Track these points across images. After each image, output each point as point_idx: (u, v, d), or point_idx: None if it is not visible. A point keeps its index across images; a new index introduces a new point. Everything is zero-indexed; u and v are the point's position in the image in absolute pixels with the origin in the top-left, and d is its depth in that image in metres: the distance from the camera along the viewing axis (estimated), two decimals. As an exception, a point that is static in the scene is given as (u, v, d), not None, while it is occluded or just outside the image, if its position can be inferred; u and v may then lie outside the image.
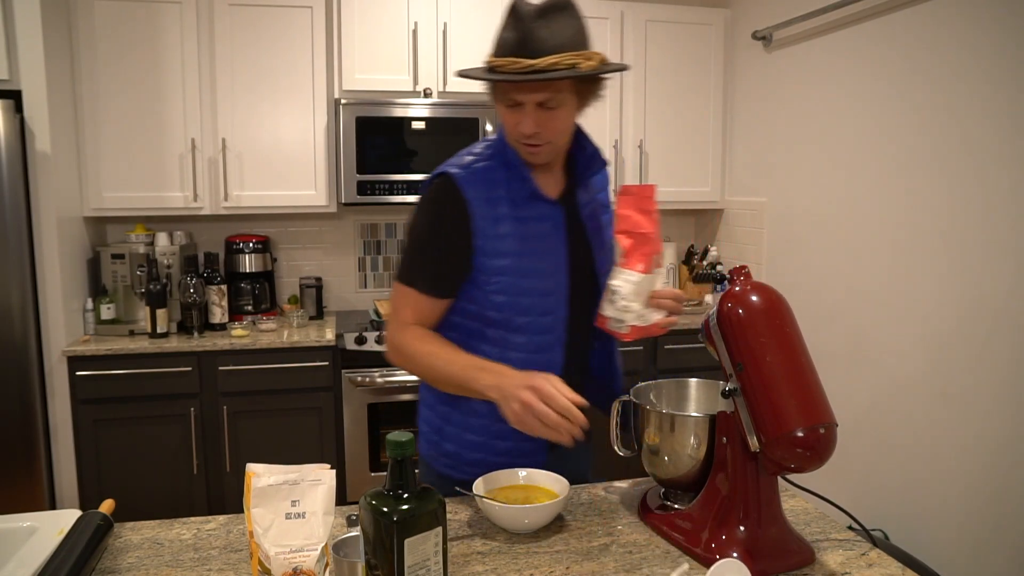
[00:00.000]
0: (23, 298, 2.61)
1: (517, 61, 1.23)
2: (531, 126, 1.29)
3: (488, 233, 1.34)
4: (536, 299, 1.38)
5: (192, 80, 2.97)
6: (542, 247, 1.38)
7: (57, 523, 1.20)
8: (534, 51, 1.23)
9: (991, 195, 2.20)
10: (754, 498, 1.12)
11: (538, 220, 1.39)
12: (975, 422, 2.26)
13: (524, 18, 1.24)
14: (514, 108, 1.30)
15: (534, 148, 1.33)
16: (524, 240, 1.36)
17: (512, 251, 1.35)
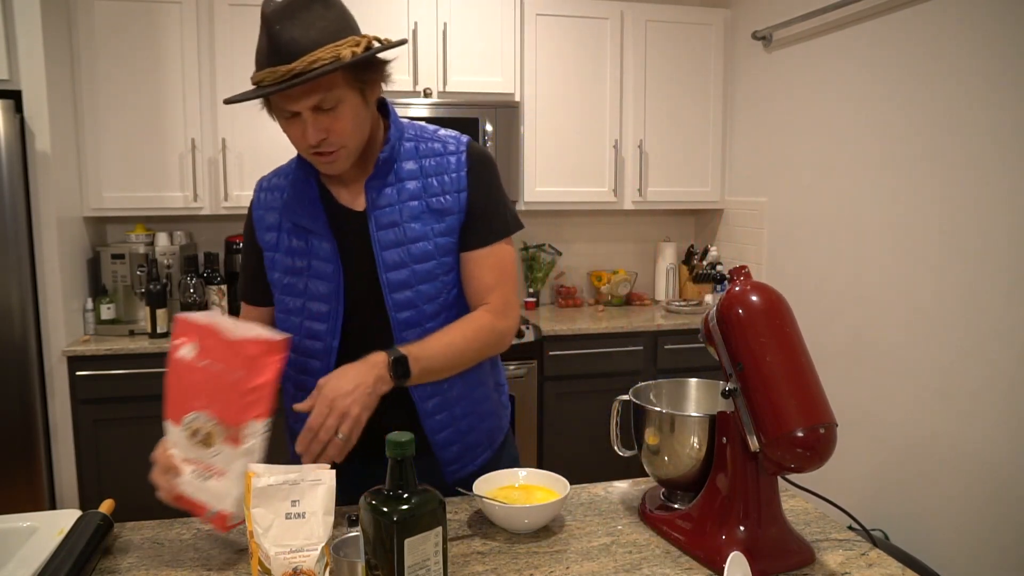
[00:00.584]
0: (23, 298, 2.61)
1: (275, 70, 1.13)
2: (314, 134, 1.19)
3: (267, 244, 1.36)
4: (303, 319, 1.34)
5: (192, 80, 2.97)
6: (319, 268, 1.31)
7: (57, 523, 1.20)
8: (288, 55, 1.13)
9: (991, 194, 2.20)
10: (754, 498, 1.12)
11: (319, 238, 1.31)
12: (975, 422, 2.26)
13: (270, 21, 1.13)
14: (292, 120, 1.20)
15: (327, 157, 1.23)
16: (298, 257, 1.33)
17: (282, 265, 1.35)
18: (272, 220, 1.36)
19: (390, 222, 1.30)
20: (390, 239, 1.30)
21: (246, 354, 1.08)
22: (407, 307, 1.32)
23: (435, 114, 3.09)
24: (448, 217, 1.32)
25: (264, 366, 1.10)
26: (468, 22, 3.19)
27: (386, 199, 1.31)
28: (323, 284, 1.32)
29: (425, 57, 3.16)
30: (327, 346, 1.33)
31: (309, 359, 1.35)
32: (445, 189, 1.32)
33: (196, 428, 1.11)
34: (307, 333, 1.34)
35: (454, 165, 1.34)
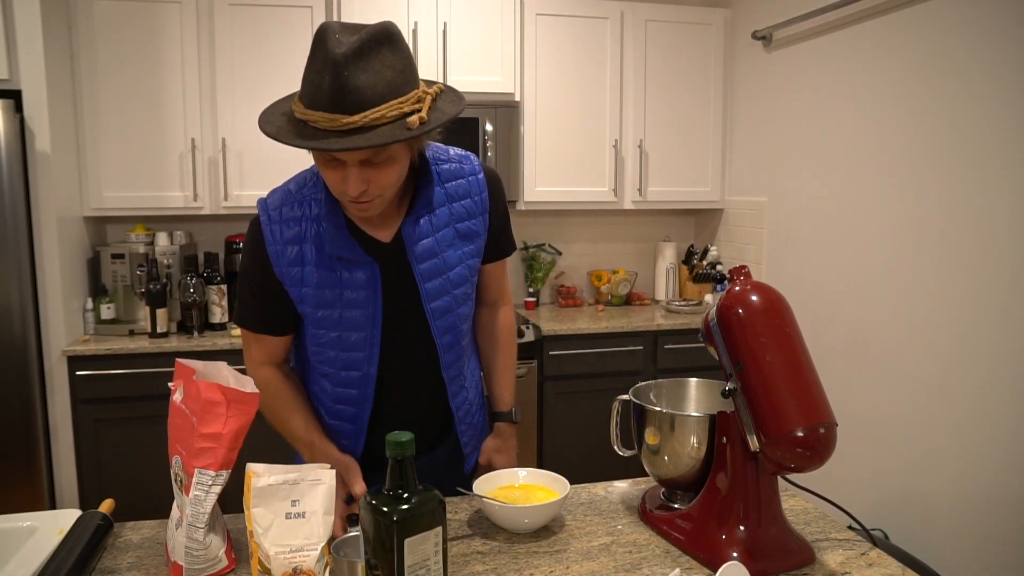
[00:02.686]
0: (23, 298, 2.61)
1: (333, 118, 1.04)
2: (356, 187, 1.12)
3: (289, 280, 1.26)
4: (338, 352, 1.30)
5: (192, 80, 2.97)
6: (352, 298, 1.27)
7: (57, 523, 1.20)
8: (352, 105, 1.04)
9: (991, 194, 2.20)
10: (754, 498, 1.12)
11: (349, 268, 1.26)
12: (975, 421, 2.26)
13: (338, 62, 1.03)
14: (334, 164, 1.12)
15: (363, 205, 1.17)
16: (326, 288, 1.26)
17: (310, 299, 1.27)
18: (293, 253, 1.25)
19: (429, 253, 1.30)
20: (430, 270, 1.30)
21: (204, 398, 1.05)
22: (448, 331, 1.35)
23: (435, 114, 3.08)
24: (476, 240, 1.35)
25: (219, 416, 1.05)
26: (468, 22, 3.19)
27: (422, 232, 1.29)
28: (359, 313, 1.28)
29: (425, 57, 3.16)
30: (364, 375, 1.32)
31: (346, 389, 1.34)
32: (471, 212, 1.34)
33: (175, 473, 1.11)
34: (343, 364, 1.32)
35: (476, 187, 1.34)
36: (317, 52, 1.06)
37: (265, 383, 1.33)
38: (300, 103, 1.09)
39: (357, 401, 1.34)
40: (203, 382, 1.07)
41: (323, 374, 1.35)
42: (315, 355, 1.34)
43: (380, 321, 1.29)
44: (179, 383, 1.12)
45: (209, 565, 1.08)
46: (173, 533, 1.09)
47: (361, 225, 1.28)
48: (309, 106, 1.07)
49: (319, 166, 1.16)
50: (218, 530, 1.11)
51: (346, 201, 1.18)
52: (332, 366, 1.32)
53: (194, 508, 1.06)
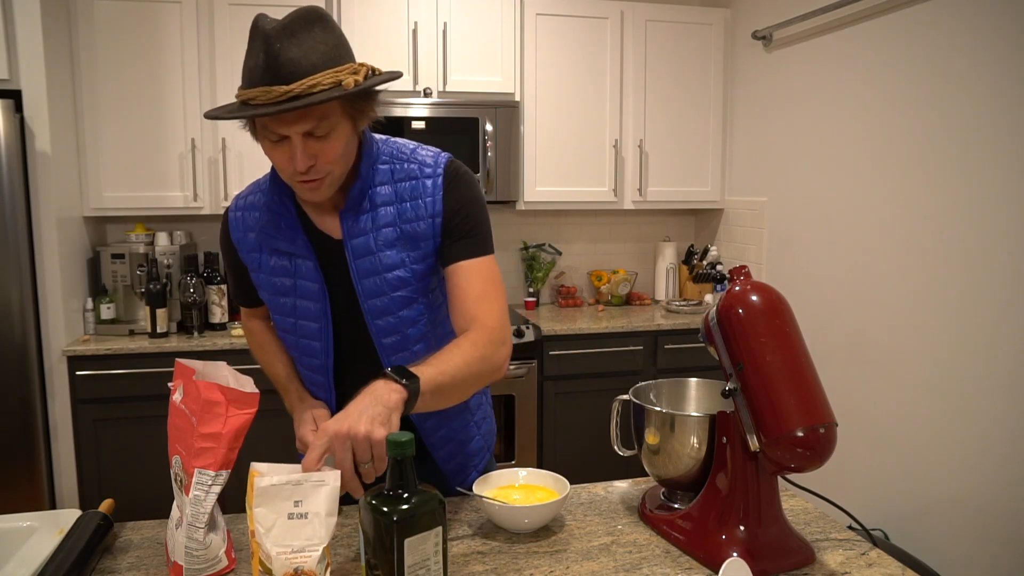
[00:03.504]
0: (23, 298, 2.61)
1: (269, 90, 1.07)
2: (303, 161, 1.13)
3: (252, 265, 1.36)
4: (297, 339, 1.36)
5: (192, 80, 2.97)
6: (303, 288, 1.30)
7: (57, 523, 1.20)
8: (287, 75, 1.06)
9: (991, 194, 2.20)
10: (754, 498, 1.12)
11: (302, 259, 1.29)
12: (975, 421, 2.26)
13: (269, 39, 1.06)
14: (280, 144, 1.14)
15: (312, 184, 1.18)
16: (283, 276, 1.32)
17: (270, 286, 1.35)
18: (252, 241, 1.34)
19: (366, 251, 1.26)
20: (366, 268, 1.27)
21: (203, 398, 1.05)
22: (391, 332, 1.30)
23: (435, 114, 3.09)
24: (423, 243, 1.27)
25: (218, 416, 1.06)
26: (468, 22, 3.19)
27: (360, 228, 1.26)
28: (312, 304, 1.31)
29: (425, 57, 3.16)
30: (323, 364, 1.35)
31: (313, 374, 1.39)
32: (419, 215, 1.26)
33: (175, 473, 1.11)
34: (304, 350, 1.36)
35: (430, 189, 1.27)
36: (252, 37, 1.10)
37: (252, 331, 1.52)
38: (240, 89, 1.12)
39: (323, 386, 1.38)
40: (203, 382, 1.07)
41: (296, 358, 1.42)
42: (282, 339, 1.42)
43: (330, 315, 1.32)
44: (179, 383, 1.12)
45: (209, 565, 1.08)
46: (173, 533, 1.09)
47: (310, 214, 1.31)
48: (247, 86, 1.10)
49: (267, 150, 1.18)
50: (218, 530, 1.11)
51: (296, 183, 1.19)
52: (296, 351, 1.39)
53: (194, 508, 1.06)
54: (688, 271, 3.73)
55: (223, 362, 1.13)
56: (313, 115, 1.10)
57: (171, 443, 1.12)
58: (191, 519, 1.06)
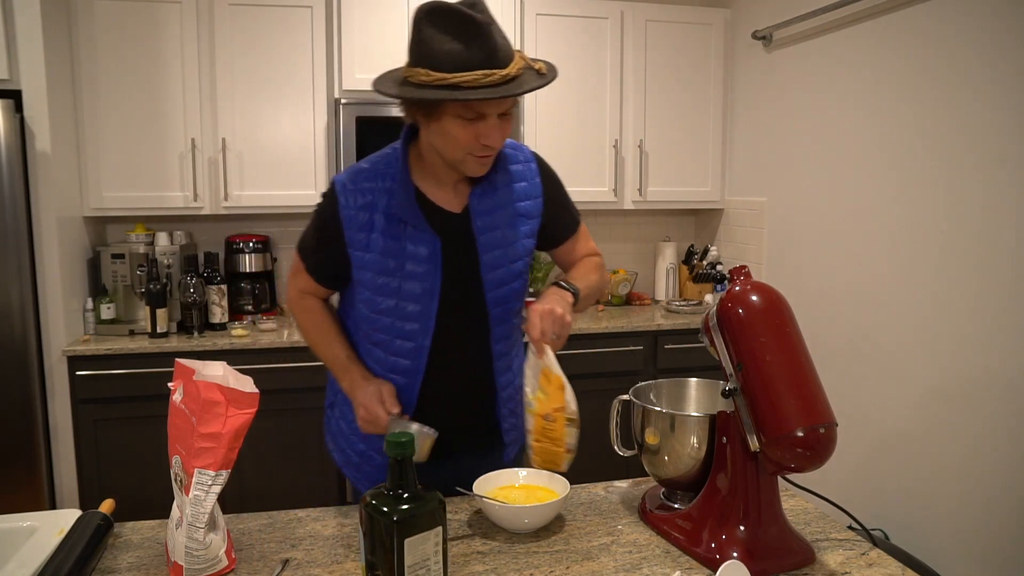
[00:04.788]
0: (23, 298, 2.61)
1: (490, 73, 1.16)
2: (499, 137, 1.26)
3: (356, 245, 1.34)
4: (394, 320, 1.36)
5: (192, 80, 2.97)
6: (413, 270, 1.34)
7: (57, 523, 1.20)
8: (503, 60, 1.18)
9: (991, 194, 2.20)
10: (754, 498, 1.12)
11: (415, 243, 1.33)
12: (975, 421, 2.26)
13: (482, 26, 1.16)
14: (473, 122, 1.23)
15: (487, 158, 1.29)
16: (391, 258, 1.33)
17: (373, 267, 1.34)
18: (364, 219, 1.33)
19: (491, 226, 1.38)
20: (491, 242, 1.38)
21: (203, 398, 1.06)
22: (501, 303, 1.41)
23: (435, 114, 3.08)
24: (531, 221, 1.43)
25: (218, 416, 1.06)
26: (468, 22, 3.19)
27: (486, 204, 1.38)
28: (417, 285, 1.34)
29: (425, 57, 3.16)
30: (419, 345, 1.37)
31: (400, 359, 1.39)
32: (529, 195, 1.43)
33: (175, 473, 1.11)
34: (399, 333, 1.37)
35: (531, 172, 1.45)
36: (448, 25, 1.16)
37: (309, 308, 1.48)
38: (434, 72, 1.17)
39: (409, 372, 1.39)
40: (203, 382, 1.07)
41: (376, 342, 1.40)
42: (371, 322, 1.39)
43: (438, 295, 1.35)
44: (179, 383, 1.12)
45: (209, 565, 1.08)
46: (173, 533, 1.10)
47: (427, 191, 1.36)
48: (456, 70, 1.16)
49: (450, 128, 1.23)
50: (218, 530, 1.11)
51: (471, 158, 1.27)
52: (387, 334, 1.38)
53: (194, 508, 1.06)
54: (688, 271, 3.73)
55: (223, 362, 1.13)
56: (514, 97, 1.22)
57: (171, 443, 1.12)
58: (191, 519, 1.06)
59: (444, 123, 1.23)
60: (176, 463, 1.10)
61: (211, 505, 1.07)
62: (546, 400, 1.34)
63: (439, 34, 1.17)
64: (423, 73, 1.18)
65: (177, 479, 1.10)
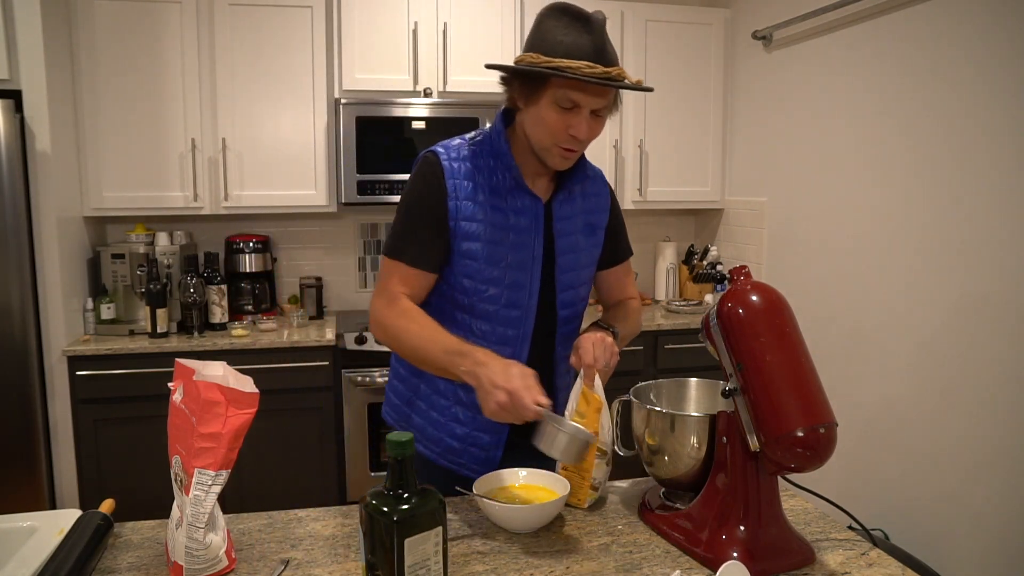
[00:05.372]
0: (23, 298, 2.61)
1: (594, 66, 1.24)
2: (586, 131, 1.31)
3: (462, 214, 1.35)
4: (503, 289, 1.39)
5: (192, 80, 2.97)
6: (516, 240, 1.38)
7: (57, 523, 1.20)
8: (610, 60, 1.27)
9: (991, 194, 2.20)
10: (754, 498, 1.12)
11: (516, 213, 1.38)
12: (975, 421, 2.26)
13: (596, 27, 1.27)
14: (568, 111, 1.29)
15: (573, 153, 1.34)
16: (497, 228, 1.37)
17: (483, 236, 1.36)
18: (469, 187, 1.36)
19: (567, 230, 1.44)
20: (566, 245, 1.44)
21: (203, 398, 1.05)
22: (568, 306, 1.47)
23: (435, 114, 3.09)
24: (599, 232, 1.50)
25: (218, 416, 1.06)
26: (468, 22, 3.20)
27: (566, 210, 1.44)
28: (523, 254, 1.39)
29: (425, 57, 3.16)
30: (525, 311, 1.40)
31: (506, 328, 1.40)
32: (600, 208, 1.50)
33: (175, 473, 1.11)
34: (507, 302, 1.39)
35: (602, 184, 1.53)
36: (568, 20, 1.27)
37: (406, 311, 1.34)
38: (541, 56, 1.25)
39: (514, 340, 1.41)
40: (203, 382, 1.07)
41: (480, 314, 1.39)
42: (477, 293, 1.37)
43: (540, 260, 1.41)
44: (179, 383, 1.12)
45: (209, 565, 1.08)
46: (173, 533, 1.10)
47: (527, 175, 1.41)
48: (568, 56, 1.24)
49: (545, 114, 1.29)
50: (218, 530, 1.11)
51: (557, 149, 1.32)
52: (494, 304, 1.39)
53: (194, 508, 1.06)
54: (688, 271, 3.73)
55: (223, 362, 1.13)
56: (608, 96, 1.31)
57: (171, 443, 1.12)
58: (191, 519, 1.06)
59: (541, 107, 1.29)
60: (176, 463, 1.10)
61: (211, 505, 1.07)
62: (582, 424, 1.32)
63: (558, 27, 1.27)
64: (533, 56, 1.26)
65: (177, 479, 1.10)
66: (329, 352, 2.93)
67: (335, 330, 3.03)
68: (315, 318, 3.28)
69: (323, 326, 3.12)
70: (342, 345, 2.94)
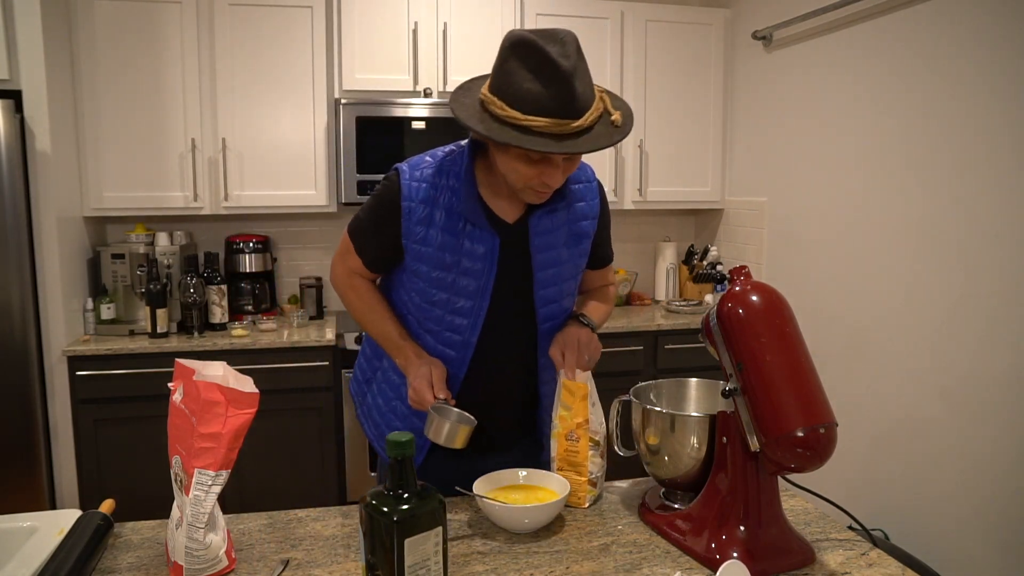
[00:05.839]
0: (23, 298, 2.61)
1: (562, 123, 1.15)
2: (561, 180, 1.26)
3: (413, 237, 1.35)
4: (445, 313, 1.38)
5: (192, 80, 2.97)
6: (469, 267, 1.35)
7: (57, 523, 1.20)
8: (578, 111, 1.16)
9: (990, 193, 2.20)
10: (754, 498, 1.12)
11: (473, 241, 1.34)
12: (975, 421, 2.26)
13: (568, 74, 1.14)
14: (539, 162, 1.23)
15: (547, 192, 1.30)
16: (449, 253, 1.34)
17: (431, 260, 1.35)
18: (424, 213, 1.34)
19: (547, 245, 1.39)
20: (546, 261, 1.39)
21: (203, 398, 1.06)
22: (550, 319, 1.44)
23: (435, 114, 3.09)
24: (585, 241, 1.45)
25: (218, 416, 1.06)
26: (468, 22, 3.20)
27: (546, 224, 1.38)
28: (471, 281, 1.36)
29: (425, 57, 3.16)
30: (465, 341, 1.40)
31: (447, 349, 1.42)
32: (586, 215, 1.44)
33: (175, 473, 1.11)
34: (448, 326, 1.40)
35: (591, 193, 1.45)
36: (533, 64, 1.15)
37: (359, 288, 1.49)
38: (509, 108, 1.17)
39: (454, 361, 1.41)
40: (203, 382, 1.07)
41: (427, 330, 1.42)
42: (422, 311, 1.41)
43: (489, 294, 1.37)
44: (179, 383, 1.12)
45: (209, 565, 1.08)
46: (173, 533, 1.10)
47: (488, 198, 1.37)
48: (532, 113, 1.16)
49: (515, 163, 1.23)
50: (218, 530, 1.11)
51: (530, 190, 1.28)
52: (437, 325, 1.40)
53: (194, 508, 1.06)
54: (688, 271, 3.73)
55: (223, 362, 1.13)
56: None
57: (171, 443, 1.12)
58: (191, 519, 1.06)
59: (509, 157, 1.24)
60: (176, 463, 1.10)
61: (211, 505, 1.07)
62: (569, 417, 1.34)
63: (522, 70, 1.16)
64: (499, 106, 1.18)
65: (177, 479, 1.10)
66: (329, 352, 2.93)
67: (335, 330, 3.03)
68: (315, 318, 3.28)
69: (323, 326, 3.12)
70: (342, 345, 2.94)
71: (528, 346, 1.45)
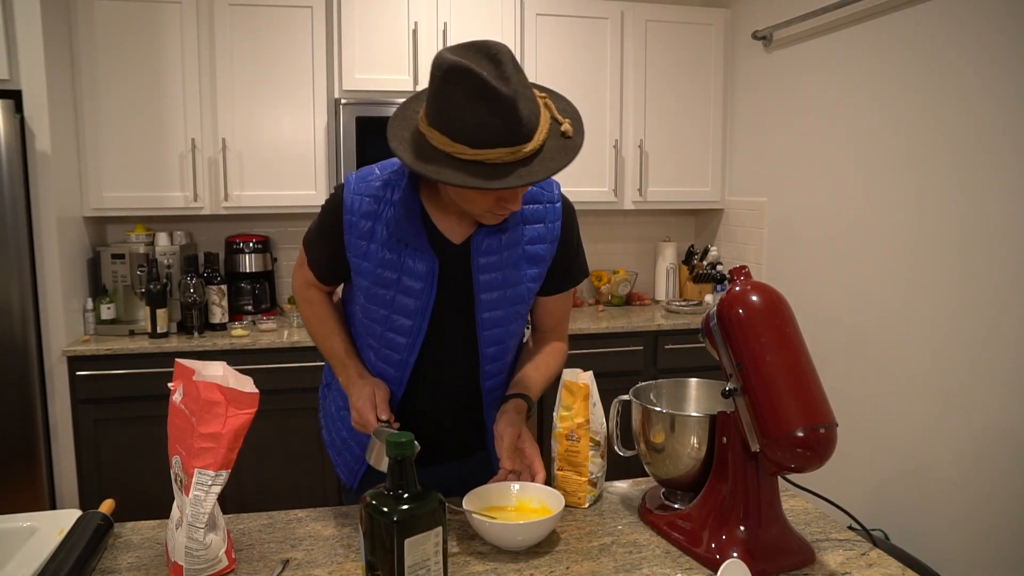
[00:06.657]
0: (23, 298, 2.61)
1: (515, 151, 1.08)
2: (520, 202, 1.21)
3: (354, 251, 1.32)
4: (384, 330, 1.35)
5: (192, 80, 2.97)
6: (406, 285, 1.31)
7: (57, 523, 1.20)
8: (527, 134, 1.09)
9: (990, 194, 2.20)
10: (754, 498, 1.12)
11: (413, 260, 1.29)
12: (975, 421, 2.26)
13: (510, 101, 1.06)
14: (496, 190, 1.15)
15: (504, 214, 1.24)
16: (388, 270, 1.30)
17: (371, 275, 1.31)
18: (365, 228, 1.30)
19: (493, 267, 1.32)
20: (490, 283, 1.33)
21: (203, 398, 1.06)
22: (495, 343, 1.38)
23: (435, 114, 3.08)
24: (540, 264, 1.36)
25: (218, 416, 1.06)
26: (468, 22, 3.20)
27: (491, 247, 1.31)
28: (411, 301, 1.32)
29: (425, 57, 3.16)
30: (403, 359, 1.36)
31: (386, 366, 1.39)
32: (542, 237, 1.35)
33: (175, 473, 1.11)
34: (387, 343, 1.37)
35: (552, 215, 1.35)
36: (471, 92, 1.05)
37: (312, 300, 1.47)
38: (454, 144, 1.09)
39: (394, 380, 1.39)
40: (203, 382, 1.07)
41: (368, 345, 1.41)
42: (364, 325, 1.40)
43: (429, 315, 1.33)
44: (179, 383, 1.12)
45: (209, 565, 1.08)
46: (173, 533, 1.10)
47: (434, 216, 1.32)
48: (480, 146, 1.08)
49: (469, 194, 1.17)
50: (218, 530, 1.11)
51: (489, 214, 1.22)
52: (376, 340, 1.38)
53: (194, 508, 1.06)
54: (688, 271, 3.73)
55: (223, 362, 1.13)
56: None
57: (171, 443, 1.12)
58: (191, 519, 1.06)
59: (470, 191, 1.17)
60: (176, 463, 1.10)
61: (211, 505, 1.07)
62: (570, 417, 1.34)
63: (461, 99, 1.06)
64: (441, 140, 1.10)
65: (177, 479, 1.10)
66: (329, 352, 2.93)
67: (335, 330, 3.02)
68: (315, 318, 3.27)
69: (323, 326, 3.12)
70: (342, 345, 2.94)
71: (471, 369, 1.39)
